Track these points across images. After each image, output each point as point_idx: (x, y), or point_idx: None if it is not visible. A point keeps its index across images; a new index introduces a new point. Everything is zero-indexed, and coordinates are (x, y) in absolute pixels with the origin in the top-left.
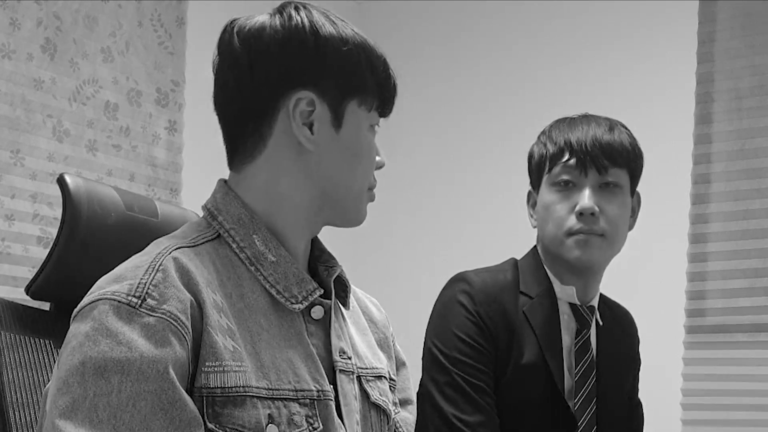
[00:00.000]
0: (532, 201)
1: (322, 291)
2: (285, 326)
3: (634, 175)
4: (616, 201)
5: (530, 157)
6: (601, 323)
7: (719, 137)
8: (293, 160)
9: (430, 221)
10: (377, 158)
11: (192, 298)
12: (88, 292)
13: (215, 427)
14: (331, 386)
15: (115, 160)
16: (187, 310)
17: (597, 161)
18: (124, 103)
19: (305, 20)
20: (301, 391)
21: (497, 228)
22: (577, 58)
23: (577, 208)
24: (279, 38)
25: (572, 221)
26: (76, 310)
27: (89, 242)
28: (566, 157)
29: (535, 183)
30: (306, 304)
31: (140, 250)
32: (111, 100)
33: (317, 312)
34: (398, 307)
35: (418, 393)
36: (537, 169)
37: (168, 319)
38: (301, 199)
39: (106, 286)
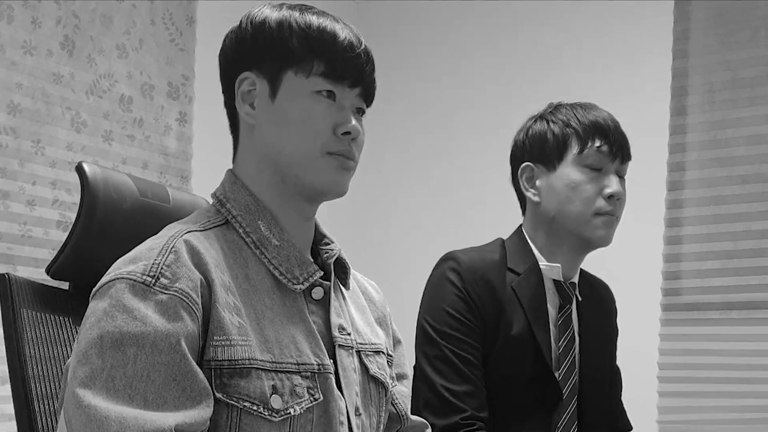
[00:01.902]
0: (528, 176)
1: (323, 273)
2: (288, 305)
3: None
4: (624, 187)
5: (540, 136)
6: (579, 299)
7: (693, 128)
8: (248, 140)
9: (423, 206)
10: (345, 124)
11: (202, 278)
12: (106, 273)
13: (223, 396)
14: (331, 361)
15: (129, 149)
16: (197, 288)
17: (624, 150)
18: (137, 96)
19: (252, 14)
20: (302, 364)
21: (485, 211)
22: (560, 54)
23: (609, 191)
24: (231, 36)
25: (601, 203)
26: (94, 288)
27: (106, 226)
28: (599, 142)
29: (548, 160)
30: (307, 285)
31: (154, 234)
32: (125, 93)
33: (318, 293)
34: (393, 288)
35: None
36: (558, 146)
37: (180, 296)
38: (266, 175)
39: (122, 266)
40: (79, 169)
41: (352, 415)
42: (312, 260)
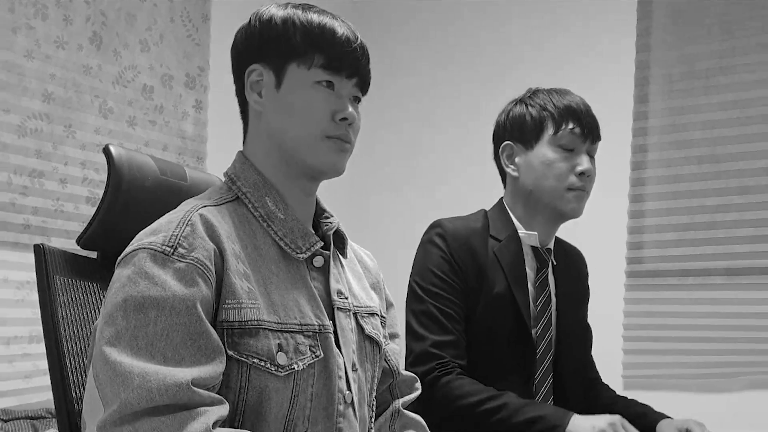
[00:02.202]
0: (508, 153)
1: (323, 243)
2: (292, 272)
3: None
4: (594, 165)
5: (519, 118)
6: (555, 263)
7: (654, 114)
8: (256, 125)
9: (414, 182)
10: (343, 111)
11: (215, 248)
12: (130, 243)
13: (234, 354)
14: (331, 322)
15: (151, 133)
16: (211, 257)
17: (595, 132)
18: (158, 85)
19: (260, 12)
20: (305, 325)
21: (469, 185)
22: (536, 47)
23: (580, 169)
24: (242, 32)
25: (573, 179)
26: (119, 257)
27: (129, 201)
28: (572, 125)
29: (526, 140)
30: (309, 254)
31: (173, 208)
32: (147, 83)
33: (318, 261)
34: (387, 257)
35: None
36: (535, 128)
37: (196, 264)
38: (273, 157)
39: (144, 237)
40: (106, 151)
41: (349, 370)
42: (313, 232)
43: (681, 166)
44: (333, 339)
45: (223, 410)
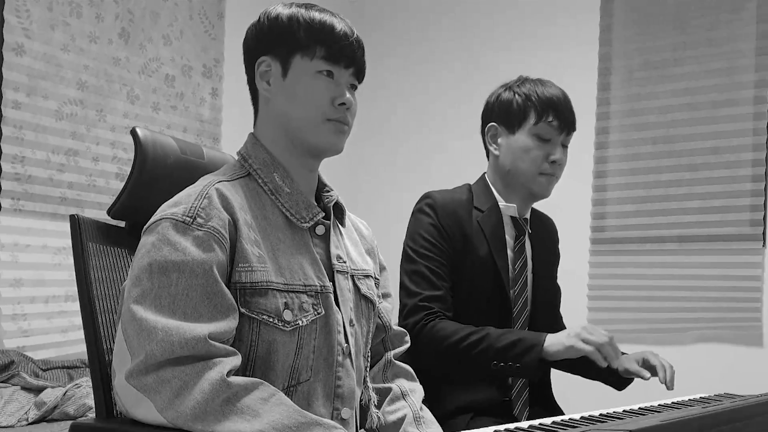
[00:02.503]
0: (492, 134)
1: (324, 214)
2: (296, 239)
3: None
4: (566, 154)
5: (506, 104)
6: (531, 231)
7: (615, 100)
8: (265, 110)
9: (406, 160)
10: (341, 97)
11: (229, 218)
12: (155, 214)
13: (246, 311)
14: (331, 283)
15: (172, 117)
16: (225, 226)
17: (571, 125)
18: (179, 75)
19: (267, 10)
20: (308, 286)
21: (456, 161)
22: (513, 40)
23: (553, 158)
24: (252, 28)
25: (545, 166)
26: (145, 226)
27: (153, 177)
28: (551, 118)
29: (510, 124)
30: (312, 223)
31: (192, 183)
32: (169, 73)
33: (320, 229)
34: (382, 225)
35: None
36: (519, 115)
37: (212, 232)
38: (280, 138)
39: (167, 209)
40: (134, 133)
41: (347, 326)
42: (316, 204)
43: (638, 146)
44: (333, 298)
45: (236, 360)
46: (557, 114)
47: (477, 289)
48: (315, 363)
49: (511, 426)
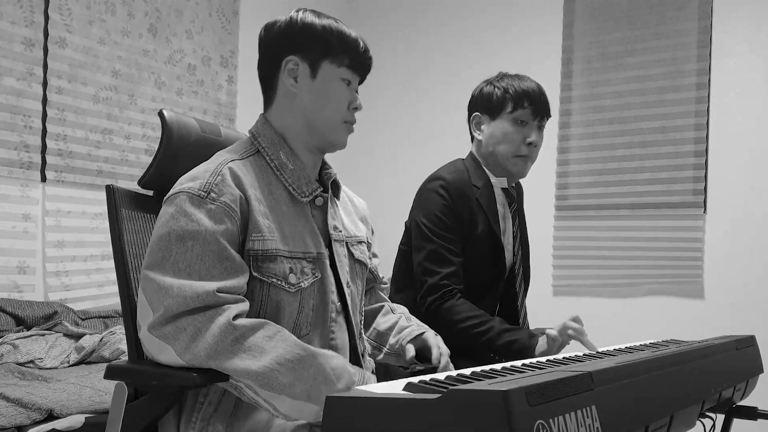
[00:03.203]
0: (476, 122)
1: (322, 188)
2: (298, 211)
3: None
4: (542, 135)
5: (487, 95)
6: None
7: (576, 86)
8: (290, 102)
9: (401, 142)
10: (355, 102)
11: (241, 194)
12: (173, 186)
13: (258, 275)
14: (327, 250)
15: (194, 101)
16: (236, 201)
17: (543, 112)
18: (200, 65)
19: (299, 16)
20: (307, 253)
21: (443, 142)
22: (488, 36)
23: (529, 140)
24: (282, 28)
25: (523, 148)
26: (165, 197)
27: (177, 152)
28: (526, 105)
29: (491, 113)
30: (311, 197)
31: (209, 158)
32: (191, 62)
33: (319, 201)
34: (381, 197)
35: (404, 252)
36: (497, 105)
37: (223, 206)
38: (298, 127)
39: (185, 182)
40: (161, 115)
41: (344, 287)
42: (316, 179)
43: (596, 125)
44: (328, 263)
45: (243, 306)
46: (531, 102)
47: (480, 256)
48: (314, 319)
49: (487, 368)
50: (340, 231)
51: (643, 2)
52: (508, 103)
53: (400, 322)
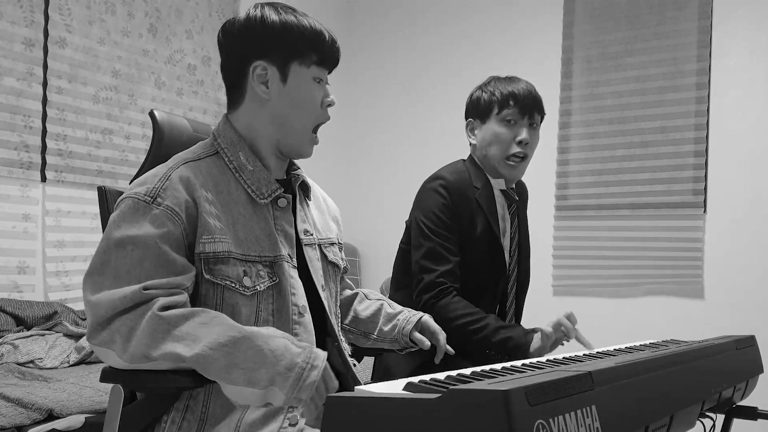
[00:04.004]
0: (470, 127)
1: (283, 189)
2: (257, 213)
3: (543, 118)
4: (536, 135)
5: (476, 100)
6: (517, 198)
7: (576, 86)
8: (259, 106)
9: (398, 143)
10: (327, 98)
11: (188, 198)
12: (126, 189)
13: (210, 278)
14: (288, 254)
15: (194, 101)
16: (181, 204)
17: (532, 110)
18: (199, 65)
19: (257, 14)
20: (263, 256)
21: (448, 146)
22: (489, 36)
23: (519, 138)
24: (242, 30)
25: (515, 148)
26: (117, 200)
27: (169, 153)
28: (512, 104)
29: (481, 117)
30: (270, 199)
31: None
32: (191, 63)
33: (282, 202)
34: (384, 196)
35: (404, 251)
36: (485, 108)
37: (167, 210)
38: (266, 131)
39: (135, 187)
40: (152, 115)
41: (320, 291)
42: (275, 181)
43: (596, 125)
44: (287, 266)
45: (175, 298)
46: (516, 101)
47: (479, 256)
48: (275, 324)
49: (486, 367)
50: (311, 234)
51: (643, 2)
52: (495, 105)
53: (386, 309)
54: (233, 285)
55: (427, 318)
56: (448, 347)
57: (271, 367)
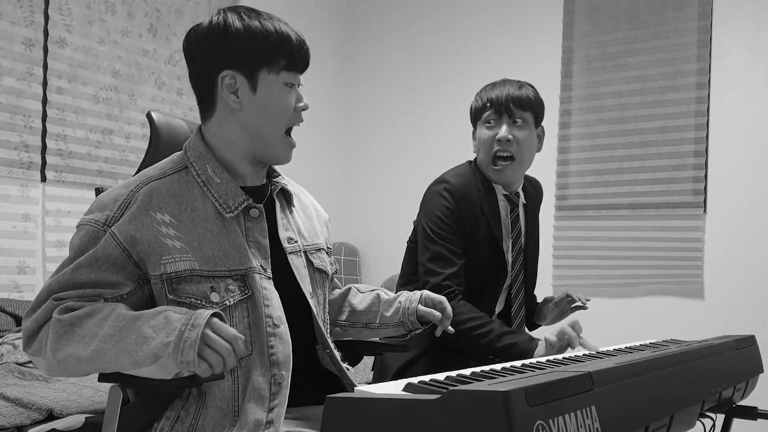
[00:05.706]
0: (472, 133)
1: (252, 200)
2: (226, 227)
3: (537, 115)
4: (522, 132)
5: (471, 108)
6: (525, 202)
7: (576, 86)
8: (231, 116)
9: (400, 148)
10: (300, 104)
11: (142, 226)
12: (86, 211)
13: (174, 297)
14: (260, 265)
15: (194, 101)
16: (134, 240)
17: (507, 109)
18: None
19: (220, 21)
20: (233, 270)
21: (448, 146)
22: (490, 36)
23: (498, 136)
24: (206, 38)
25: (495, 147)
26: (78, 221)
27: (167, 154)
28: (489, 107)
29: (474, 124)
30: (237, 212)
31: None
32: None
33: (254, 212)
34: (385, 197)
35: (412, 248)
36: (475, 115)
37: (117, 238)
38: (240, 141)
39: (95, 211)
40: (149, 116)
41: (308, 298)
42: (245, 192)
43: (596, 125)
44: (259, 277)
45: (77, 303)
46: (492, 104)
47: (480, 259)
48: (252, 338)
49: (486, 368)
50: (296, 242)
51: (643, 2)
52: (479, 111)
53: (383, 296)
54: (198, 302)
55: (428, 291)
56: (450, 327)
57: (152, 341)
